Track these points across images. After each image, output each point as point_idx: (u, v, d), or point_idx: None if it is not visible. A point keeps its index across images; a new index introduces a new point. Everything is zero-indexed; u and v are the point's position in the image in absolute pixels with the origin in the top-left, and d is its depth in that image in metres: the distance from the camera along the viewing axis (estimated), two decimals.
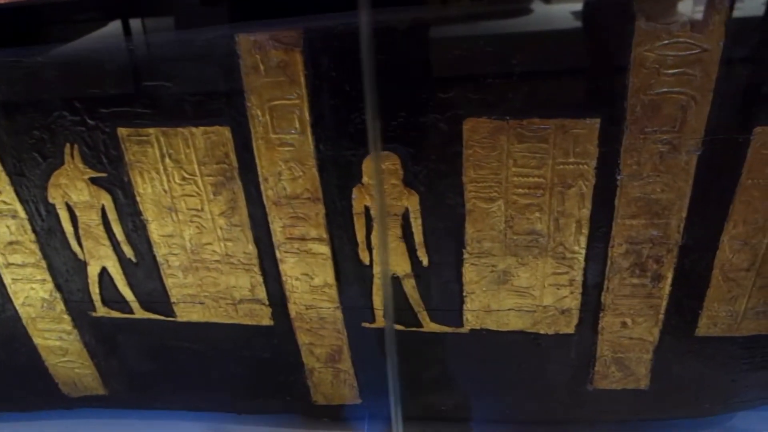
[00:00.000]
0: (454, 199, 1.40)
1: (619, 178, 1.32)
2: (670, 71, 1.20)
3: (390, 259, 1.51)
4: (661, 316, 1.51)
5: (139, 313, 1.75)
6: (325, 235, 1.50)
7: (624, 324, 1.53)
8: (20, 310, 1.77)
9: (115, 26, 1.47)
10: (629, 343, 1.57)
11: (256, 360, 1.80)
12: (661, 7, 1.15)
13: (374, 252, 1.52)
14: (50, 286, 1.70)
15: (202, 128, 1.40)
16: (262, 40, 1.28)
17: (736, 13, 1.16)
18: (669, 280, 1.45)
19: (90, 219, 1.57)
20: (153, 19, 1.49)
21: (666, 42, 1.18)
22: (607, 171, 1.32)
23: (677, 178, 1.31)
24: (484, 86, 1.26)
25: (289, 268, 1.58)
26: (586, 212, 1.37)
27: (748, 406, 1.71)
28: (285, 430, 1.98)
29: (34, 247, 1.63)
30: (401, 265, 1.52)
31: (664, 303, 1.49)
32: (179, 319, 1.74)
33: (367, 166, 1.39)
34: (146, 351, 1.85)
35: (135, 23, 1.46)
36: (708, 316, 1.50)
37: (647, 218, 1.37)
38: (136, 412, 2.02)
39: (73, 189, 1.53)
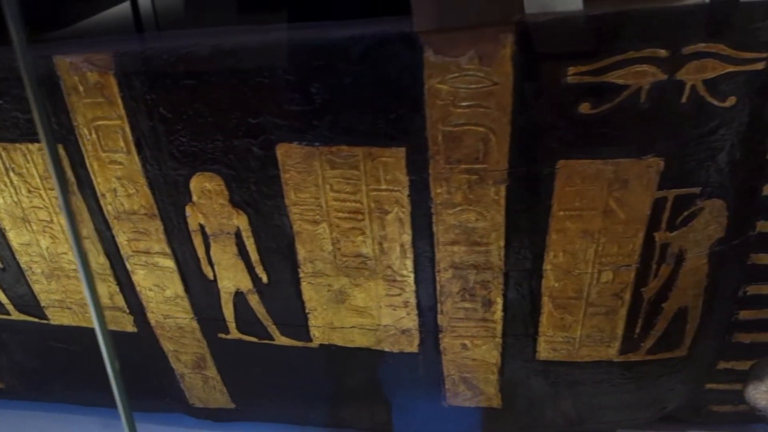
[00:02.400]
0: (280, 220, 1.41)
1: (432, 206, 1.31)
2: (465, 104, 1.19)
3: (231, 275, 1.53)
4: (499, 340, 1.51)
5: (15, 315, 1.80)
6: (168, 250, 1.53)
7: (464, 346, 1.54)
8: None
9: None
10: (473, 364, 1.57)
11: (128, 364, 1.83)
12: (448, 40, 1.14)
13: (216, 267, 1.53)
14: None
15: (37, 145, 1.43)
16: (78, 62, 1.30)
17: (527, 48, 1.13)
18: (500, 306, 1.45)
19: None
20: None
21: (457, 75, 1.16)
22: (420, 198, 1.32)
23: (489, 208, 1.30)
24: (289, 113, 1.26)
25: (141, 279, 1.61)
26: (407, 237, 1.37)
27: (604, 428, 1.70)
28: (175, 428, 2.03)
29: None
30: (243, 281, 1.54)
31: (499, 327, 1.48)
32: (53, 322, 1.79)
33: (195, 185, 1.40)
34: (31, 350, 1.91)
35: None
36: (545, 341, 1.50)
37: (467, 245, 1.36)
38: (36, 405, 2.09)
39: None
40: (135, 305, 1.67)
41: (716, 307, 1.48)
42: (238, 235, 1.46)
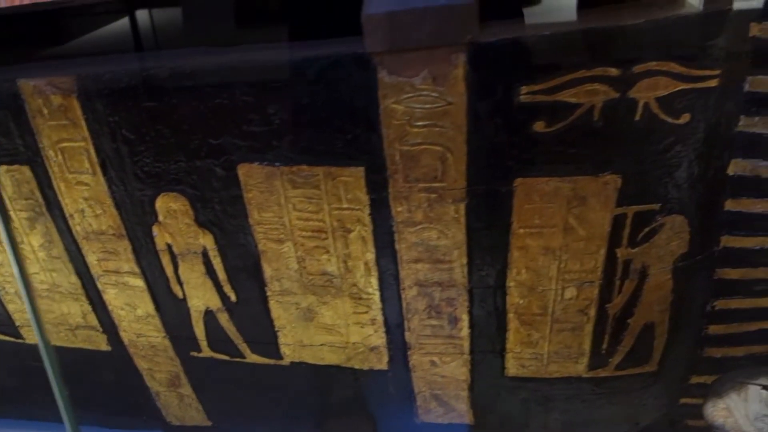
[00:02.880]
0: (245, 239, 1.42)
1: (393, 224, 1.32)
2: (420, 123, 1.20)
3: (200, 294, 1.54)
4: (467, 356, 1.51)
5: None
6: (137, 269, 1.53)
7: (433, 362, 1.54)
8: None
9: None
10: (443, 381, 1.57)
11: (104, 381, 1.84)
12: (401, 61, 1.14)
13: (185, 286, 1.54)
14: None
15: (5, 167, 1.44)
16: (41, 85, 1.31)
17: (479, 68, 1.14)
18: (466, 322, 1.45)
19: None
20: None
21: (411, 95, 1.17)
22: (382, 217, 1.32)
23: (450, 226, 1.30)
24: (249, 134, 1.27)
25: (113, 298, 1.61)
26: (371, 256, 1.38)
27: None
28: None
29: None
30: (212, 300, 1.55)
31: (467, 344, 1.48)
32: (29, 342, 1.80)
33: (160, 205, 1.41)
34: (9, 369, 1.91)
35: None
36: (513, 357, 1.50)
37: (431, 263, 1.37)
38: (16, 423, 2.10)
39: None
40: (108, 324, 1.68)
41: (684, 322, 1.48)
42: (205, 254, 1.47)
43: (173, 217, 1.42)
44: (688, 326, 1.50)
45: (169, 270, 1.52)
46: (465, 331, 1.47)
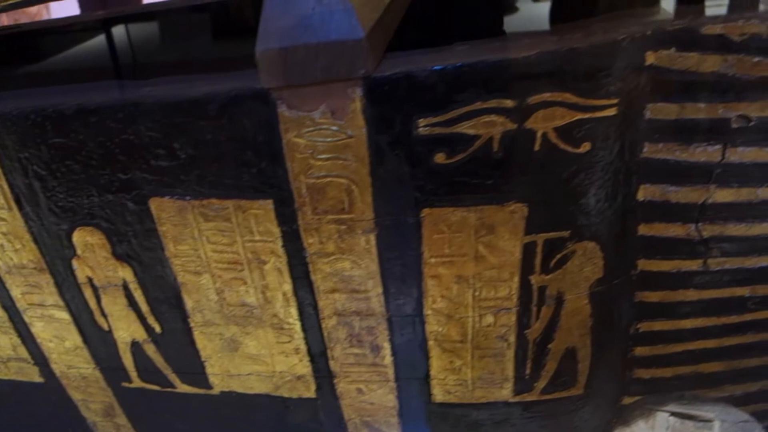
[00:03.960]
0: (164, 271, 1.41)
1: (307, 255, 1.32)
2: (324, 156, 1.20)
3: (125, 326, 1.53)
4: (393, 384, 1.50)
5: None
6: (61, 302, 1.53)
7: (360, 390, 1.53)
8: None
9: None
10: (372, 408, 1.57)
11: (40, 413, 1.83)
12: (299, 96, 1.15)
13: (109, 318, 1.53)
14: None
15: None
16: None
17: (377, 102, 1.14)
18: (388, 350, 1.44)
19: None
20: None
21: (312, 129, 1.17)
22: (295, 248, 1.32)
23: (362, 256, 1.30)
24: (157, 169, 1.27)
25: (40, 331, 1.61)
26: (288, 286, 1.38)
27: None
28: None
29: None
30: (137, 331, 1.54)
31: (391, 371, 1.48)
32: None
33: (77, 239, 1.41)
34: None
35: None
36: (438, 384, 1.49)
37: (347, 293, 1.36)
38: None
39: None
40: (38, 356, 1.67)
41: (608, 345, 1.48)
42: (126, 286, 1.46)
43: (91, 251, 1.41)
44: (613, 349, 1.50)
45: (92, 302, 1.51)
46: (388, 359, 1.46)
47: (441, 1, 2.32)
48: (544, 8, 2.33)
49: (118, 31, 2.96)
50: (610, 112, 1.16)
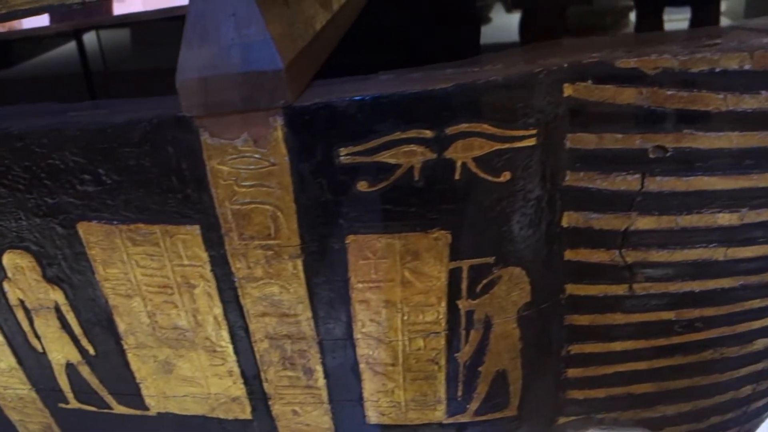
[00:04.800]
0: (94, 294, 1.41)
1: (236, 280, 1.32)
2: (248, 183, 1.20)
3: (59, 348, 1.53)
4: (327, 406, 1.51)
5: None
6: None
7: (295, 412, 1.54)
8: None
9: None
10: (308, 429, 1.57)
11: None
12: (221, 124, 1.15)
13: (43, 340, 1.52)
14: None
15: None
16: None
17: (298, 131, 1.15)
18: (321, 373, 1.45)
19: None
20: None
21: (235, 156, 1.18)
22: (223, 273, 1.33)
23: (290, 281, 1.31)
24: (83, 194, 1.27)
25: None
26: (218, 310, 1.38)
27: None
28: None
29: None
30: (71, 353, 1.54)
31: (325, 393, 1.49)
32: None
33: (8, 262, 1.40)
34: None
35: None
36: (372, 406, 1.50)
37: (277, 317, 1.37)
38: None
39: None
40: None
41: (540, 368, 1.50)
42: (58, 309, 1.46)
43: (21, 274, 1.41)
44: (545, 371, 1.52)
45: (25, 324, 1.51)
46: (321, 381, 1.47)
47: (419, 17, 2.34)
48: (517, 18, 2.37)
49: (91, 37, 2.96)
50: (529, 142, 1.18)
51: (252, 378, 1.50)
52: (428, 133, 1.14)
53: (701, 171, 1.24)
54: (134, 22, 2.91)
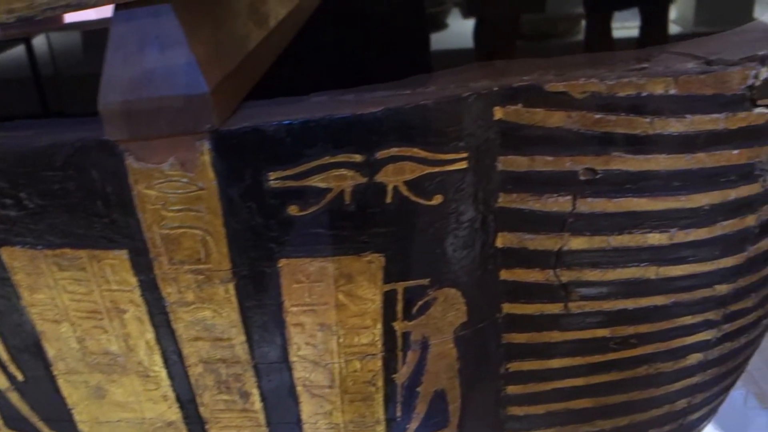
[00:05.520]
0: (21, 319, 1.37)
1: (167, 305, 1.29)
2: (176, 208, 1.18)
3: None
4: (265, 429, 1.49)
5: None
6: None
7: None
8: None
9: None
10: None
11: None
12: (147, 148, 1.12)
13: None
14: None
15: None
16: None
17: (226, 155, 1.13)
18: (257, 396, 1.43)
19: None
20: None
21: (162, 181, 1.15)
22: (154, 297, 1.29)
23: (223, 305, 1.28)
24: (6, 218, 1.23)
25: None
26: (150, 335, 1.35)
27: None
28: None
29: None
30: None
31: (262, 416, 1.46)
32: None
33: None
34: None
35: None
36: (311, 428, 1.49)
37: (210, 341, 1.34)
38: None
39: None
40: None
41: (478, 386, 1.50)
42: None
43: None
44: (484, 389, 1.52)
45: None
46: (258, 405, 1.45)
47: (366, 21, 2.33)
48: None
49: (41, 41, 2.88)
50: (461, 165, 1.18)
51: (187, 402, 1.47)
52: (358, 158, 1.13)
53: (631, 192, 1.25)
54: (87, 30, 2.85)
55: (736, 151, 1.23)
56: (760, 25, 1.39)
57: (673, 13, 3.25)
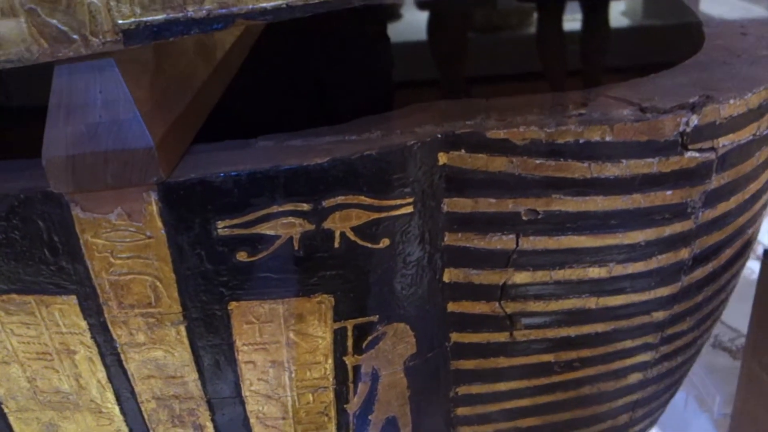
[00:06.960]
0: None
1: (118, 346, 1.29)
2: (124, 255, 1.18)
3: None
4: None
5: None
6: None
7: None
8: None
9: None
10: None
11: None
12: (93, 199, 1.12)
13: None
14: None
15: None
16: None
17: (174, 205, 1.13)
18: (211, 429, 1.44)
19: None
20: None
21: (109, 230, 1.15)
22: (105, 339, 1.30)
23: (174, 346, 1.29)
24: None
25: None
26: (102, 374, 1.35)
27: None
28: None
29: None
30: None
31: None
32: None
33: None
34: None
35: None
36: None
37: (163, 379, 1.35)
38: None
39: None
40: None
41: (429, 410, 1.55)
42: None
43: None
44: (435, 412, 1.57)
45: None
46: None
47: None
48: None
49: None
50: (406, 210, 1.21)
51: None
52: (305, 206, 1.15)
53: (571, 231, 1.30)
54: None
55: (669, 192, 1.28)
56: (694, 64, 1.45)
57: (622, 5, 3.31)
